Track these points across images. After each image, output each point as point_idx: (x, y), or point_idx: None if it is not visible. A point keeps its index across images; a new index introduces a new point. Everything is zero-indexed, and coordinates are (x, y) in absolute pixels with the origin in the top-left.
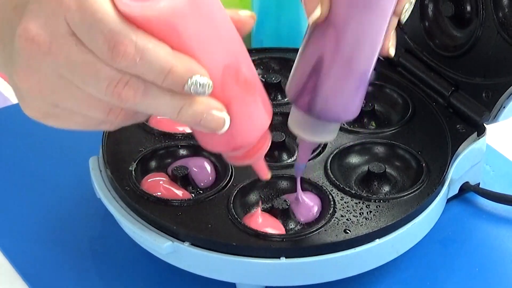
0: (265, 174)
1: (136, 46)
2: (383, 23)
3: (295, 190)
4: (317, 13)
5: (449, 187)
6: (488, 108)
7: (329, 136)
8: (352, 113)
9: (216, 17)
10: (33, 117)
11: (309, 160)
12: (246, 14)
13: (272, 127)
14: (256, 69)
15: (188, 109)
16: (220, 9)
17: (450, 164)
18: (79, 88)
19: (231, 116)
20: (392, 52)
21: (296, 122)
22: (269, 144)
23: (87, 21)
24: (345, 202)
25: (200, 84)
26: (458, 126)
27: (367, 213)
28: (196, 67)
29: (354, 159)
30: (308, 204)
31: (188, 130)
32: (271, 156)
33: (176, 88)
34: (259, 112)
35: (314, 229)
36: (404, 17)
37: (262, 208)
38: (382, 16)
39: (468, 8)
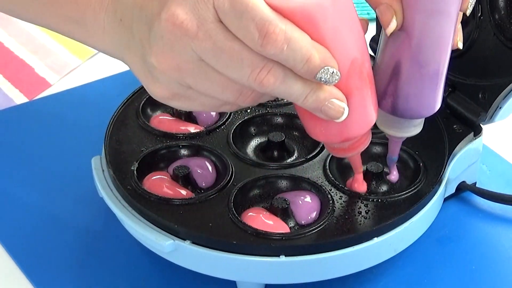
0: (360, 168)
1: (285, 34)
2: (452, 23)
3: (294, 188)
4: (393, 24)
5: (446, 186)
6: (485, 109)
7: (416, 130)
8: (434, 108)
9: (350, 14)
10: (160, 97)
11: (308, 160)
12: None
13: (272, 127)
14: None
15: (313, 95)
16: (353, 7)
17: (447, 164)
18: (218, 73)
19: (349, 107)
20: (460, 45)
21: (383, 121)
22: (370, 139)
23: (238, 9)
24: (343, 201)
25: (330, 74)
26: (455, 126)
27: (365, 212)
28: (329, 57)
29: None
30: (307, 207)
31: (190, 130)
32: (271, 156)
33: (309, 75)
34: (371, 107)
35: (313, 227)
36: (469, 10)
37: (262, 206)
38: (450, 17)
39: None
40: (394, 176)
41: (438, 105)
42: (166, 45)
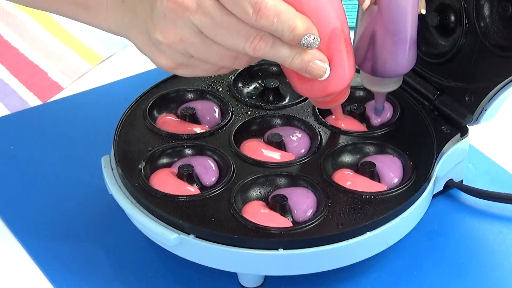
0: (341, 117)
1: (275, 9)
2: None
3: (291, 185)
4: (368, 1)
5: (435, 184)
6: (471, 111)
7: (395, 85)
8: (408, 67)
9: None
10: (166, 67)
11: (305, 159)
12: None
13: (271, 128)
14: (255, 74)
15: (299, 57)
16: None
17: (436, 163)
18: (217, 43)
19: (330, 67)
20: (423, 11)
21: (367, 81)
22: (349, 93)
23: None
24: (338, 198)
25: (311, 40)
26: (443, 127)
27: (359, 208)
28: (311, 26)
29: (346, 158)
30: (304, 203)
31: (195, 131)
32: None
33: (294, 42)
34: (349, 66)
35: (310, 223)
36: None
37: (262, 203)
38: None
39: (452, 18)
40: (376, 120)
41: (411, 65)
42: (170, 21)
